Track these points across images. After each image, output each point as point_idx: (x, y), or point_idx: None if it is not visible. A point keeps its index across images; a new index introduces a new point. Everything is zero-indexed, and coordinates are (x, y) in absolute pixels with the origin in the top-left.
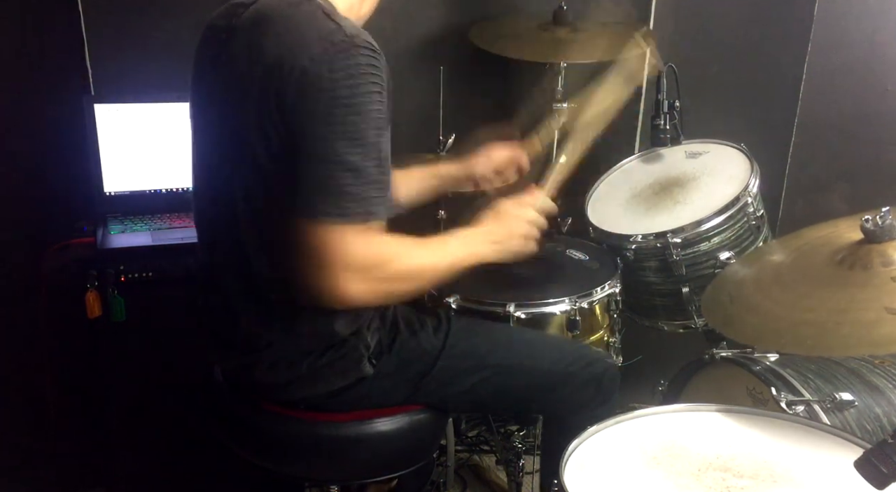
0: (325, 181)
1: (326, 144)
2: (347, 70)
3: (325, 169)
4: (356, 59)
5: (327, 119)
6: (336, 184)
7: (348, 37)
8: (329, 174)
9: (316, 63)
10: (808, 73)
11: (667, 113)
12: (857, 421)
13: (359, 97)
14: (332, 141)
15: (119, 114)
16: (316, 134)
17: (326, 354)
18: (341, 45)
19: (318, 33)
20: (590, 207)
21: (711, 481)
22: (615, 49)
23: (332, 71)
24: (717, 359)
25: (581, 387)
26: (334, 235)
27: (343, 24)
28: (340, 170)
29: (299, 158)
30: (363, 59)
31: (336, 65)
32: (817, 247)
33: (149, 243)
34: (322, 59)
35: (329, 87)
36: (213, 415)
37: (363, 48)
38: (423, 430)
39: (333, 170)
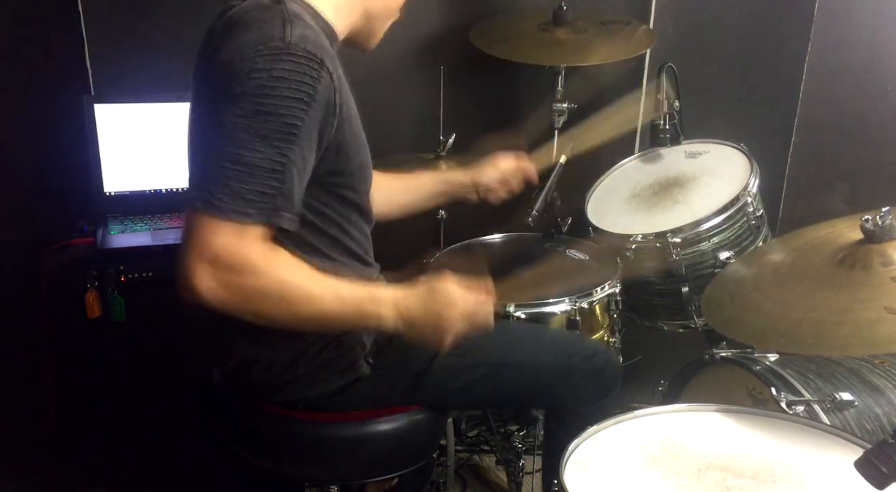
0: (212, 170)
1: (225, 133)
2: (270, 72)
3: (216, 157)
4: (283, 64)
5: (234, 111)
6: (220, 175)
7: (285, 43)
8: (217, 163)
9: (244, 62)
10: (808, 73)
11: (666, 113)
12: (857, 421)
13: (273, 99)
14: (231, 131)
15: (119, 114)
16: (220, 122)
17: (322, 354)
18: (273, 49)
19: (259, 36)
20: (590, 207)
21: (711, 481)
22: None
23: (253, 71)
24: (717, 359)
25: (582, 380)
26: (202, 223)
27: (290, 30)
28: (228, 161)
29: (198, 143)
30: (293, 66)
31: (259, 66)
32: (817, 247)
33: (149, 243)
34: (249, 59)
35: (245, 84)
36: (212, 415)
37: (297, 56)
38: (423, 430)
39: (222, 160)
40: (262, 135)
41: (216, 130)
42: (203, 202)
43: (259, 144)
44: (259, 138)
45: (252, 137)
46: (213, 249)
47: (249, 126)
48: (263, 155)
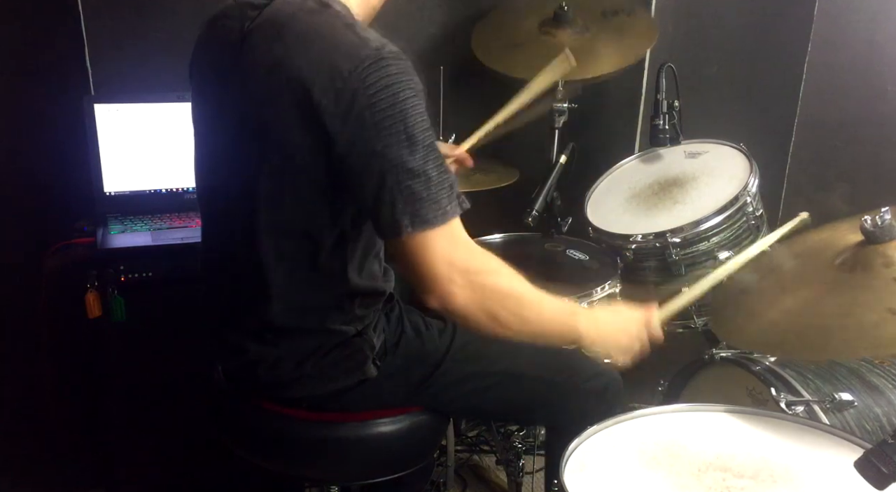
0: (396, 196)
1: (384, 159)
2: (381, 82)
3: (392, 184)
4: (386, 70)
5: (377, 135)
6: (406, 194)
7: (374, 49)
8: (397, 187)
9: (349, 81)
10: (808, 73)
11: (666, 113)
12: (856, 421)
13: (399, 105)
14: (388, 155)
15: (119, 114)
16: (370, 153)
17: (331, 353)
18: (369, 59)
19: (346, 49)
20: (589, 207)
21: (711, 481)
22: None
23: (367, 87)
24: (717, 359)
25: (584, 399)
26: (422, 243)
27: (365, 35)
28: (406, 179)
29: (360, 181)
30: (393, 69)
31: (369, 80)
32: (818, 251)
33: (149, 243)
34: (355, 77)
35: (369, 105)
36: (213, 415)
37: (390, 58)
38: (424, 431)
39: (400, 182)
40: (418, 140)
41: (372, 159)
42: (411, 225)
43: (419, 149)
44: (417, 145)
45: (408, 148)
46: (448, 258)
47: (399, 140)
48: (427, 158)
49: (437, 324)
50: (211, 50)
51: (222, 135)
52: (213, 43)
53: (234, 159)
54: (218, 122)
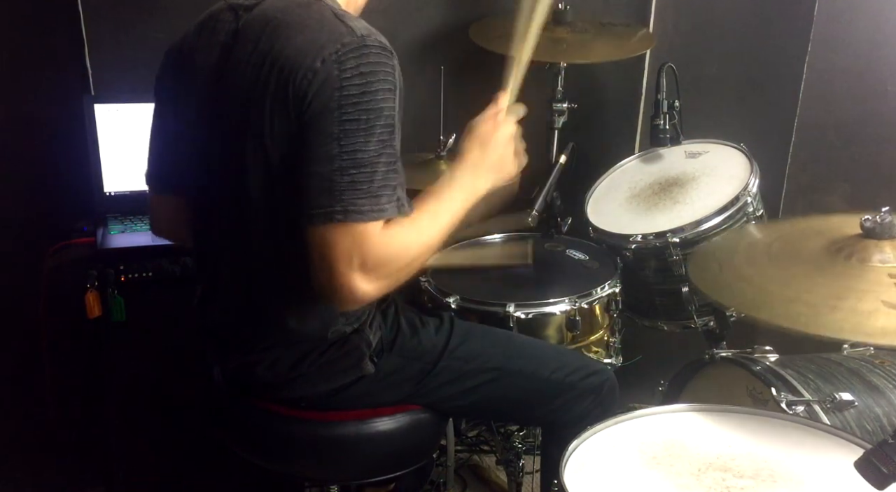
0: (337, 180)
1: (337, 141)
2: (358, 69)
3: (337, 167)
4: (367, 58)
5: (339, 117)
6: (348, 181)
7: (359, 37)
8: (340, 172)
9: (327, 64)
10: (808, 73)
11: (666, 113)
12: (857, 421)
13: (369, 95)
14: (343, 139)
15: (119, 114)
16: (327, 132)
17: (328, 352)
18: (351, 45)
19: (329, 35)
20: (590, 207)
21: (711, 481)
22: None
23: (343, 71)
24: (717, 359)
25: (580, 397)
26: (346, 235)
27: (354, 24)
28: (352, 167)
29: (309, 161)
30: (374, 58)
31: (346, 65)
32: (813, 234)
33: (149, 243)
34: (332, 60)
35: (339, 87)
36: (213, 415)
37: (374, 47)
38: (423, 430)
39: (345, 168)
40: (374, 133)
41: (326, 141)
42: (342, 213)
43: (373, 142)
44: (372, 137)
45: (366, 138)
46: (366, 251)
47: (359, 128)
48: (379, 151)
49: (433, 321)
50: (202, 52)
51: (215, 135)
52: (204, 45)
53: (228, 158)
54: (209, 122)
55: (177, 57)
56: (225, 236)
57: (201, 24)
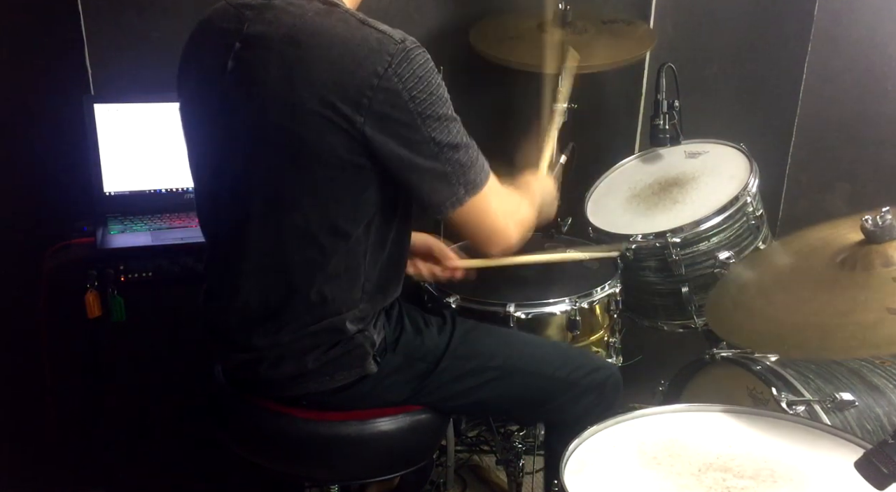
0: (449, 171)
1: (433, 141)
2: (414, 73)
3: (444, 160)
4: (416, 61)
5: (422, 123)
6: (458, 167)
7: (398, 42)
8: (448, 163)
9: (385, 78)
10: (808, 73)
11: (666, 113)
12: (857, 421)
13: (434, 90)
14: (436, 135)
15: (119, 114)
16: (419, 140)
17: (332, 350)
18: (399, 54)
19: (369, 46)
20: (589, 207)
21: (711, 481)
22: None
23: (404, 81)
24: (717, 359)
25: (583, 394)
26: (479, 206)
27: (384, 29)
28: (453, 153)
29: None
30: (420, 58)
31: (405, 74)
32: (818, 249)
33: (149, 243)
34: (391, 73)
35: (410, 98)
36: (213, 415)
37: (414, 48)
38: (424, 430)
39: (449, 157)
40: (448, 119)
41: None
42: (467, 192)
43: (453, 126)
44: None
45: (446, 126)
46: (498, 209)
47: (440, 123)
48: (458, 129)
49: (436, 321)
50: (206, 54)
51: (227, 138)
52: (208, 47)
53: (244, 162)
54: (220, 125)
55: (187, 57)
56: (241, 238)
57: (203, 26)
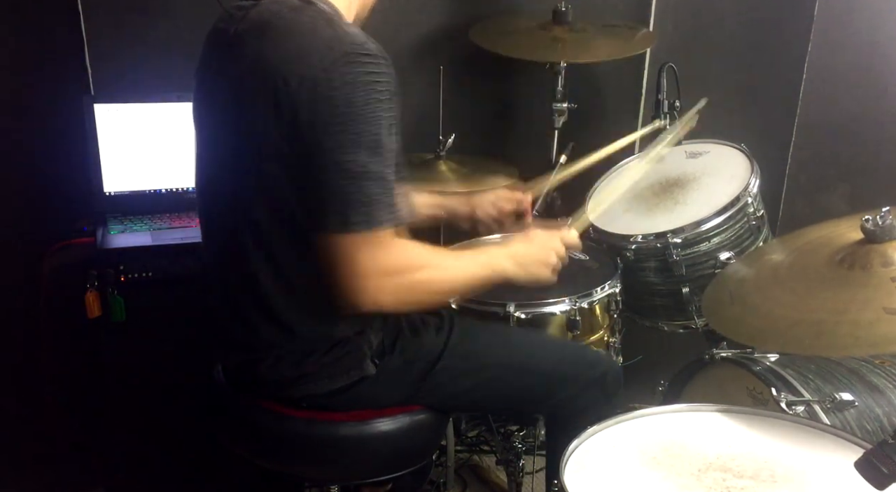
0: (352, 192)
1: (347, 155)
2: (355, 78)
3: (351, 180)
4: (361, 67)
5: (343, 129)
6: (364, 194)
7: (351, 45)
8: (355, 185)
9: (315, 72)
10: (808, 73)
11: (666, 113)
12: (857, 421)
13: (370, 105)
14: (352, 152)
15: (119, 114)
16: (334, 146)
17: (330, 352)
18: (340, 52)
19: (322, 42)
20: (590, 206)
21: (711, 481)
22: (614, 49)
23: (331, 79)
24: (717, 359)
25: (583, 389)
26: (366, 244)
27: (347, 30)
28: (365, 179)
29: (321, 171)
30: (369, 67)
31: (334, 74)
32: (817, 247)
33: (149, 243)
34: (328, 70)
35: (339, 97)
36: (213, 415)
37: (367, 56)
38: (424, 430)
39: (359, 180)
40: (376, 143)
41: (321, 152)
42: (362, 224)
43: (376, 152)
44: (375, 147)
45: (370, 150)
46: (384, 262)
47: (349, 140)
48: (383, 160)
49: (433, 321)
50: (208, 54)
51: (219, 135)
52: (210, 47)
53: (231, 159)
54: (213, 122)
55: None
56: (232, 236)
57: (212, 30)
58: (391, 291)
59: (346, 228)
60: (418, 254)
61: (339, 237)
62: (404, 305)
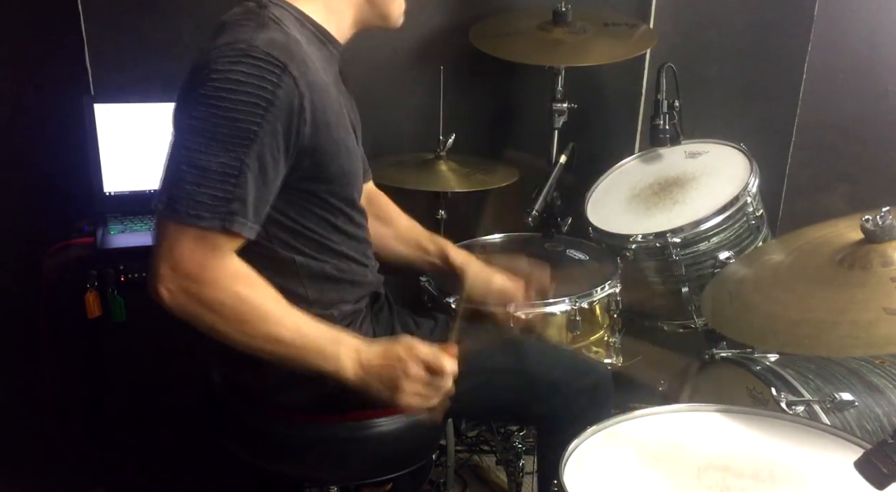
0: (171, 173)
1: (181, 133)
2: (227, 75)
3: (175, 160)
4: (241, 67)
5: (192, 113)
6: (177, 178)
7: (248, 46)
8: (175, 166)
9: (206, 64)
10: (808, 73)
11: (666, 113)
12: (857, 421)
13: (229, 102)
14: (187, 135)
15: (119, 114)
16: (179, 125)
17: None
18: (235, 51)
19: (228, 39)
20: (590, 207)
21: (711, 480)
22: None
23: (214, 72)
24: (717, 359)
25: (574, 396)
26: (165, 227)
27: (257, 34)
28: (184, 164)
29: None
30: (251, 70)
31: (218, 67)
32: (817, 247)
33: (149, 243)
34: (211, 61)
35: (204, 85)
36: (212, 415)
37: (256, 59)
38: (423, 431)
39: (179, 162)
40: (217, 139)
41: (176, 133)
42: (164, 205)
43: (214, 147)
44: (214, 142)
45: (207, 141)
46: (175, 254)
47: (205, 129)
48: (217, 159)
49: (427, 323)
50: None
51: None
52: None
53: None
54: None
55: None
56: None
57: None
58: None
59: (156, 205)
60: (222, 272)
61: (164, 222)
62: (186, 313)
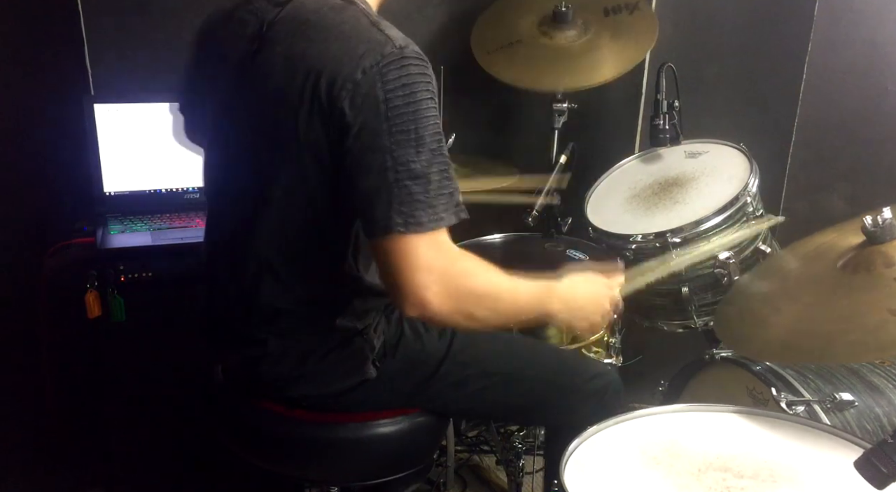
0: (395, 193)
1: (390, 153)
2: (400, 80)
3: (393, 180)
4: (407, 69)
5: (388, 130)
6: (403, 194)
7: (398, 48)
8: (397, 185)
9: (368, 76)
10: (808, 73)
11: (666, 113)
12: (857, 421)
13: (413, 105)
14: (395, 150)
15: (119, 114)
16: (377, 145)
17: (332, 353)
18: (392, 56)
19: (368, 45)
20: (590, 207)
21: (711, 481)
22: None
23: (386, 82)
24: (717, 359)
25: (583, 400)
26: (407, 245)
27: (391, 33)
28: (407, 179)
29: (363, 172)
30: (414, 69)
31: (389, 77)
32: (821, 254)
33: (149, 243)
34: (374, 72)
35: (385, 99)
36: (213, 415)
37: (412, 58)
38: (423, 432)
39: (400, 180)
40: (421, 143)
41: (378, 154)
42: (404, 227)
43: (423, 152)
44: (421, 147)
45: (416, 148)
46: (427, 261)
47: (409, 139)
48: (430, 161)
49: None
50: (228, 43)
51: (237, 132)
52: (231, 36)
53: (248, 155)
54: (233, 118)
55: (201, 46)
56: (239, 232)
57: (229, 14)
58: (442, 292)
59: (390, 229)
60: (465, 259)
61: (384, 240)
62: (454, 312)
